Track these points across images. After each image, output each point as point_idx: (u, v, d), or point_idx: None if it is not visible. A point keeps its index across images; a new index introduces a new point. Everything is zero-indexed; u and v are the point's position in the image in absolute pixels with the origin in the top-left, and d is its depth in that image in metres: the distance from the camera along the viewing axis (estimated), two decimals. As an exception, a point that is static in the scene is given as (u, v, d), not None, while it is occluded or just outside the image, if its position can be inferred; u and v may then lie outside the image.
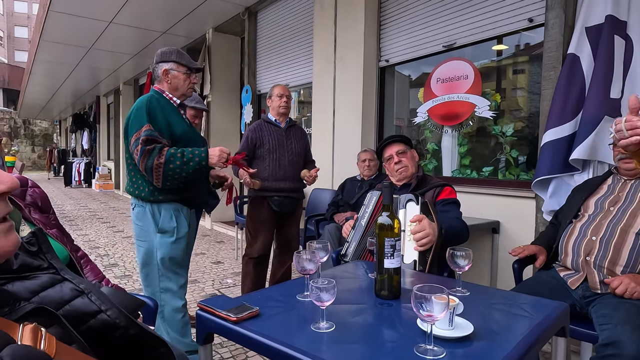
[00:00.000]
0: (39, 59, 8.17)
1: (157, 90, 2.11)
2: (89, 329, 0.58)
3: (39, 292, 0.58)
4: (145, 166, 1.91)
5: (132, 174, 2.08)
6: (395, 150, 2.09)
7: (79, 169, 14.12)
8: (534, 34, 2.87)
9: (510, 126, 3.00)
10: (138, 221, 2.07)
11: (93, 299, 0.60)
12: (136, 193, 2.05)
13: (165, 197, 2.04)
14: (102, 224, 6.83)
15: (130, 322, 0.61)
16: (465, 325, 1.00)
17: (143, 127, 1.93)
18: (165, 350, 0.65)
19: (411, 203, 1.66)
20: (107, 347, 0.59)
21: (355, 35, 3.79)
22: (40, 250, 0.62)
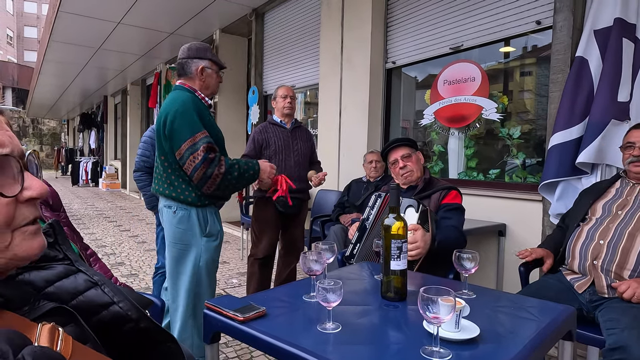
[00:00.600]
0: (49, 58, 8.25)
1: (189, 88, 2.03)
2: (101, 320, 0.59)
3: (54, 282, 0.59)
4: (203, 174, 1.87)
5: (173, 178, 1.97)
6: (400, 155, 2.08)
7: (86, 168, 14.23)
8: (541, 36, 2.87)
9: (518, 129, 2.99)
10: (181, 225, 1.98)
11: (106, 290, 0.61)
12: (180, 198, 1.96)
13: (210, 202, 2.02)
14: (108, 222, 6.88)
15: (141, 315, 0.61)
16: (472, 328, 1.00)
17: (198, 133, 1.88)
18: (173, 345, 0.65)
19: (411, 209, 1.66)
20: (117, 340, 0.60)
21: (362, 37, 3.79)
22: (56, 242, 0.64)
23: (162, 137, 1.95)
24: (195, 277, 2.00)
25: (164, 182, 2.01)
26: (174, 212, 1.99)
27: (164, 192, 2.01)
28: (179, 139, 1.88)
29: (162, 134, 1.95)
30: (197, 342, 2.04)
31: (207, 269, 2.04)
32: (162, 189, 2.02)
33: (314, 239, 3.60)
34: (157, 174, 2.06)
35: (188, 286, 2.00)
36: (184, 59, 2.06)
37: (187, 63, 2.04)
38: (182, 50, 2.09)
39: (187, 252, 2.00)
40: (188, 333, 2.03)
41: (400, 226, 1.21)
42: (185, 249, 2.00)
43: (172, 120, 1.89)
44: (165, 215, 2.03)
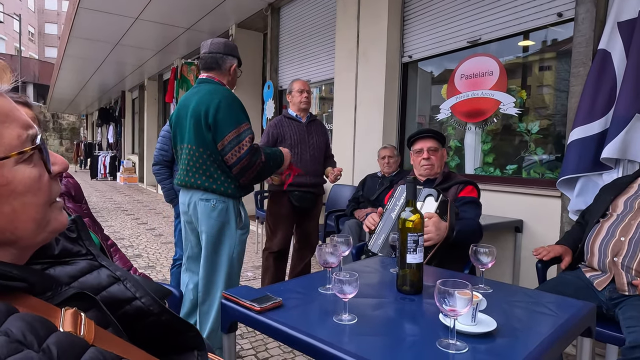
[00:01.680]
0: (68, 54, 8.40)
1: (220, 83, 2.07)
2: (124, 314, 0.60)
3: (78, 278, 0.60)
4: (247, 163, 1.92)
5: (212, 170, 1.98)
6: (427, 146, 2.05)
7: (104, 162, 14.50)
8: (562, 29, 2.80)
9: (536, 124, 2.94)
10: (220, 217, 2.00)
11: (128, 286, 0.62)
12: (221, 190, 1.98)
13: (244, 193, 2.07)
14: (126, 216, 7.00)
15: (163, 309, 0.63)
16: (488, 322, 0.99)
17: (243, 124, 1.94)
18: (194, 334, 0.67)
19: (430, 198, 1.66)
20: (139, 331, 0.62)
21: (378, 31, 3.77)
22: (79, 237, 0.65)
23: (204, 128, 1.94)
24: (230, 269, 2.05)
25: (202, 175, 1.99)
26: (213, 205, 1.99)
27: (202, 185, 1.99)
28: (223, 130, 1.91)
29: (203, 125, 1.94)
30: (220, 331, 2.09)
31: (239, 261, 2.09)
32: (199, 182, 2.00)
33: (329, 233, 3.61)
34: (188, 166, 2.04)
35: (224, 278, 2.04)
36: (218, 54, 2.08)
37: (222, 58, 2.08)
38: (216, 45, 2.09)
39: (224, 245, 2.03)
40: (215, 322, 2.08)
41: (417, 219, 1.21)
42: (222, 241, 2.03)
43: (216, 111, 1.91)
44: (202, 208, 2.01)
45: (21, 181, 0.50)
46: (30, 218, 0.51)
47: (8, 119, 0.50)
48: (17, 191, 0.50)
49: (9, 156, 0.49)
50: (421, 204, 1.67)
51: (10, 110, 0.51)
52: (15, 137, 0.50)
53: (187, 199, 2.09)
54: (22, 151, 0.50)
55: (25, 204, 0.51)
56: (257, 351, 2.40)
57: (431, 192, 1.67)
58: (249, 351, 2.39)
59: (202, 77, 2.11)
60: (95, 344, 0.49)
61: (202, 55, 2.12)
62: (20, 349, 0.39)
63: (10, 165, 0.49)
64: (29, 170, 0.51)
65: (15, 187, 0.49)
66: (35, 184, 0.51)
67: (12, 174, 0.49)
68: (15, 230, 0.50)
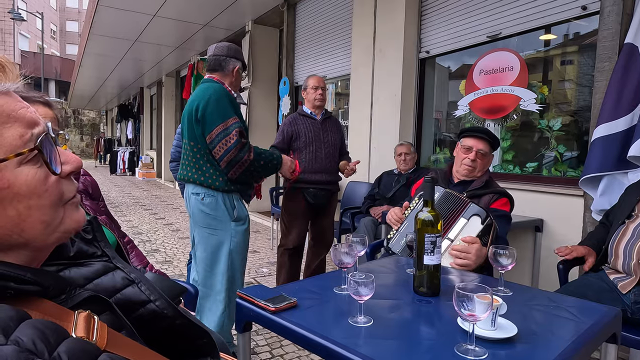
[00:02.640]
0: (89, 51, 8.54)
1: (220, 83, 2.12)
2: (138, 317, 0.60)
3: (93, 279, 0.60)
4: (233, 157, 1.95)
5: (201, 163, 2.05)
6: (479, 147, 1.90)
7: (123, 157, 14.74)
8: (586, 22, 2.71)
9: (558, 120, 2.86)
10: (210, 211, 2.05)
11: (143, 288, 0.61)
12: (208, 182, 2.04)
13: (235, 187, 2.08)
14: (144, 210, 7.11)
15: (177, 313, 0.62)
16: (509, 327, 0.96)
17: (230, 118, 1.98)
18: (207, 341, 0.66)
19: (476, 218, 1.55)
20: (152, 335, 0.61)
21: (395, 26, 3.72)
22: (94, 238, 0.65)
23: (194, 122, 2.02)
24: (228, 261, 2.07)
25: (192, 168, 2.07)
26: (202, 198, 2.06)
27: (192, 178, 2.07)
28: (211, 123, 1.96)
29: (193, 120, 2.02)
30: (227, 325, 2.10)
31: (239, 252, 2.11)
32: (189, 175, 2.08)
33: (344, 230, 3.59)
34: (184, 160, 2.13)
35: (223, 270, 2.07)
36: (222, 56, 2.15)
37: (225, 60, 2.14)
38: (220, 48, 2.17)
39: (218, 237, 2.06)
40: (220, 316, 2.09)
41: (435, 220, 1.18)
42: (216, 234, 2.06)
43: (205, 106, 1.97)
44: (193, 202, 2.09)
45: (24, 183, 0.48)
46: (38, 220, 0.50)
47: (10, 119, 0.48)
48: (20, 194, 0.48)
49: (7, 158, 0.47)
50: (465, 222, 1.57)
51: (12, 110, 0.49)
52: (17, 137, 0.48)
53: (185, 193, 2.18)
54: (20, 153, 0.48)
55: (30, 206, 0.49)
56: (271, 348, 2.40)
57: (478, 212, 1.56)
58: (264, 348, 2.40)
59: (204, 78, 2.20)
60: (107, 348, 0.49)
61: (208, 58, 2.20)
62: (31, 358, 0.39)
63: (12, 167, 0.47)
64: (33, 172, 0.49)
65: (18, 189, 0.48)
66: (41, 186, 0.50)
67: (14, 176, 0.47)
68: (22, 233, 0.49)
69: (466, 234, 1.54)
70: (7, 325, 0.40)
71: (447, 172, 2.05)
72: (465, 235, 1.54)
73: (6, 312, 0.42)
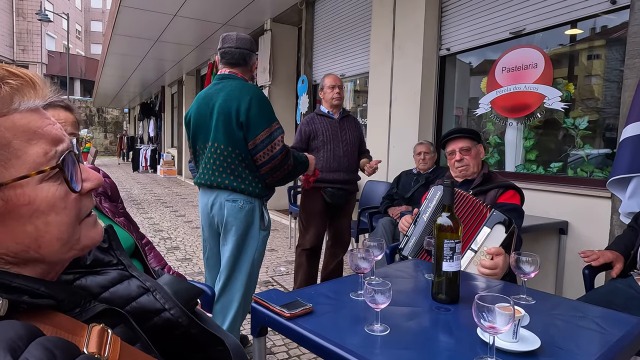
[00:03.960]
0: (112, 51, 8.72)
1: (243, 79, 2.02)
2: (153, 326, 0.59)
3: (108, 288, 0.60)
4: (278, 164, 1.90)
5: (240, 169, 1.93)
6: (459, 146, 1.96)
7: (145, 155, 15.02)
8: (615, 16, 2.61)
9: (584, 119, 2.76)
10: (246, 218, 1.96)
11: (157, 297, 0.61)
12: (249, 190, 1.94)
13: (268, 194, 2.05)
14: (165, 208, 7.23)
15: (192, 321, 0.62)
16: (532, 339, 0.93)
17: (274, 123, 1.91)
18: (222, 349, 0.66)
19: (500, 227, 1.50)
20: (167, 344, 0.61)
21: (415, 23, 3.65)
22: (110, 247, 0.65)
23: (235, 126, 1.87)
24: (251, 270, 2.03)
25: (230, 175, 1.93)
26: (241, 206, 1.95)
27: (230, 184, 1.94)
28: (256, 128, 1.85)
29: (234, 123, 1.87)
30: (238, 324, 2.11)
31: (259, 261, 2.09)
32: (226, 182, 1.94)
33: (362, 230, 3.56)
34: (212, 165, 1.97)
35: (244, 277, 2.02)
36: (245, 50, 2.01)
37: (249, 55, 2.03)
38: (243, 40, 2.02)
39: (248, 246, 2.01)
40: (238, 321, 2.09)
41: (455, 226, 1.15)
42: (247, 242, 2.00)
43: (248, 108, 1.85)
44: (229, 209, 1.96)
45: (44, 200, 0.48)
46: (55, 237, 0.50)
47: (36, 136, 0.49)
48: (39, 210, 0.48)
49: (29, 175, 0.47)
50: (488, 231, 1.52)
51: (39, 127, 0.49)
52: (41, 154, 0.49)
53: (210, 199, 2.01)
54: (42, 170, 0.48)
55: (48, 223, 0.49)
56: (288, 348, 2.40)
57: (501, 220, 1.50)
58: (281, 348, 2.40)
59: (224, 73, 2.02)
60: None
61: (226, 49, 2.00)
62: None
63: (33, 183, 0.48)
64: (54, 189, 0.49)
65: (37, 206, 0.48)
66: (60, 203, 0.50)
67: (34, 193, 0.48)
68: (39, 249, 0.50)
69: (490, 243, 1.50)
70: (17, 345, 0.39)
71: (449, 175, 2.08)
72: (489, 245, 1.49)
73: (16, 330, 0.41)
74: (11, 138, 0.46)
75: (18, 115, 0.48)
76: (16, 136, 0.47)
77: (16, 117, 0.48)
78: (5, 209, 0.46)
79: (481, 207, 1.59)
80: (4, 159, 0.46)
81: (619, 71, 2.53)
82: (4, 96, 0.47)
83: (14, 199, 0.47)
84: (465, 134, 1.99)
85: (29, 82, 0.50)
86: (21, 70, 0.50)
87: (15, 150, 0.47)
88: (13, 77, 0.48)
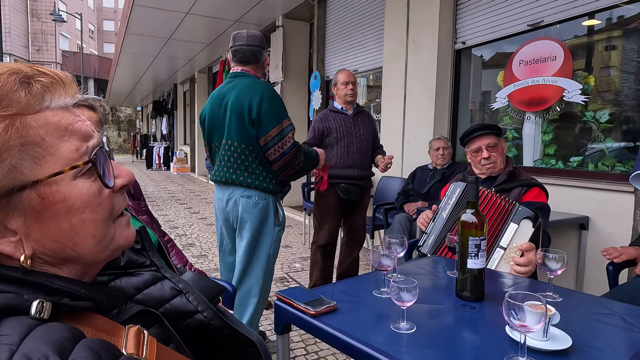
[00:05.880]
0: (125, 50, 8.80)
1: (255, 76, 2.04)
2: (186, 328, 0.60)
3: (142, 289, 0.61)
4: (289, 160, 1.92)
5: (254, 166, 1.96)
6: (485, 143, 1.90)
7: (158, 152, 15.16)
8: (636, 6, 2.54)
9: (605, 112, 2.70)
10: (260, 214, 1.99)
11: (190, 299, 0.61)
12: (263, 186, 1.97)
13: (282, 190, 2.06)
14: (179, 205, 7.29)
15: (224, 323, 0.62)
16: (562, 337, 0.91)
17: (285, 119, 1.93)
18: (253, 350, 0.66)
19: (527, 222, 1.48)
20: (199, 345, 0.61)
21: (430, 17, 3.61)
22: (143, 248, 0.65)
23: (247, 123, 1.90)
24: (267, 266, 2.05)
25: (244, 171, 1.97)
26: (255, 202, 1.98)
27: (244, 181, 1.97)
28: (267, 125, 1.88)
29: (246, 120, 1.90)
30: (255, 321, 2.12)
31: (275, 257, 2.10)
32: (240, 179, 1.98)
33: (377, 227, 3.55)
34: (226, 162, 2.00)
35: (260, 274, 2.04)
36: (256, 47, 2.03)
37: (260, 52, 2.05)
38: (253, 38, 2.04)
39: (263, 242, 2.03)
40: (256, 316, 2.11)
41: (479, 223, 1.14)
42: (262, 238, 2.02)
43: (260, 105, 1.87)
44: (243, 205, 1.99)
45: (79, 196, 0.49)
46: (90, 235, 0.50)
47: (67, 132, 0.49)
48: (74, 207, 0.48)
49: (63, 171, 0.47)
50: (515, 227, 1.50)
51: (69, 124, 0.50)
52: (73, 150, 0.49)
53: (225, 195, 2.05)
54: (75, 166, 0.48)
55: (84, 220, 0.49)
56: (306, 344, 2.41)
57: (529, 215, 1.48)
58: (299, 344, 2.41)
59: (236, 71, 2.05)
60: None
61: (238, 48, 2.03)
62: None
63: (67, 180, 0.48)
64: (88, 185, 0.50)
65: (72, 202, 0.48)
66: (95, 199, 0.50)
67: (69, 189, 0.48)
68: (75, 247, 0.50)
69: (518, 239, 1.47)
70: (64, 346, 0.40)
71: (471, 171, 2.03)
72: (518, 241, 1.47)
73: (62, 332, 0.42)
74: (44, 135, 0.47)
75: (50, 112, 0.48)
76: (49, 133, 0.47)
77: (48, 114, 0.48)
78: (42, 206, 0.47)
79: (504, 203, 1.57)
80: (38, 155, 0.46)
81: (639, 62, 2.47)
82: (35, 94, 0.47)
83: (50, 195, 0.47)
84: (490, 130, 1.94)
85: (58, 81, 0.50)
86: (50, 69, 0.50)
87: (49, 147, 0.47)
88: (43, 75, 0.49)
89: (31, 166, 0.45)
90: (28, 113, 0.46)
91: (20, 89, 0.46)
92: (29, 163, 0.45)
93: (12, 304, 0.43)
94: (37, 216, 0.47)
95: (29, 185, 0.46)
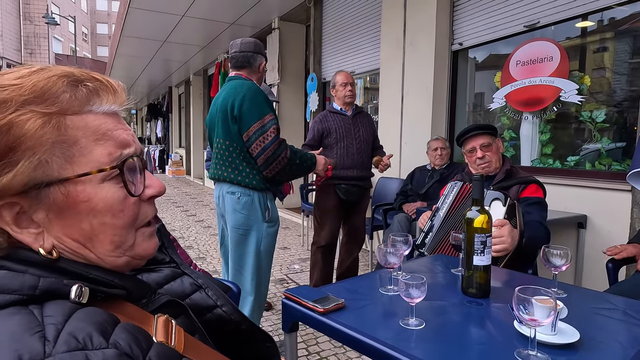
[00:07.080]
0: (120, 53, 8.76)
1: (249, 80, 2.10)
2: (206, 322, 0.61)
3: (163, 285, 0.62)
4: (271, 154, 1.93)
5: (237, 162, 2.02)
6: (479, 143, 1.93)
7: (154, 155, 15.10)
8: (630, 7, 2.57)
9: (602, 111, 2.73)
10: (244, 210, 2.03)
11: (210, 294, 0.63)
12: (245, 182, 2.02)
13: (270, 186, 2.07)
14: (176, 208, 7.27)
15: (243, 318, 0.63)
16: (570, 332, 0.92)
17: (266, 115, 1.96)
18: (271, 345, 0.67)
19: (497, 203, 1.54)
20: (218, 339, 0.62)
21: (427, 18, 3.64)
22: (163, 245, 0.66)
23: (230, 121, 1.98)
24: (257, 262, 2.07)
25: (228, 167, 2.05)
26: (238, 197, 2.04)
27: (228, 177, 2.05)
28: (248, 121, 1.93)
29: (229, 118, 1.98)
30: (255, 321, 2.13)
31: (267, 253, 2.11)
32: (225, 175, 2.06)
33: (376, 227, 3.56)
34: (217, 159, 2.10)
35: (252, 270, 2.07)
36: (249, 52, 2.11)
37: (253, 57, 2.12)
38: (246, 44, 2.13)
39: (249, 237, 2.06)
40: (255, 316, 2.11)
41: (485, 220, 1.15)
42: (247, 234, 2.06)
43: (241, 103, 1.94)
44: (228, 201, 2.07)
45: (102, 199, 0.49)
46: (108, 239, 0.51)
47: (104, 137, 0.50)
48: (97, 209, 0.49)
49: (91, 173, 0.48)
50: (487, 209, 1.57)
51: (109, 129, 0.51)
52: (105, 154, 0.50)
53: (218, 192, 2.16)
54: (102, 169, 0.49)
55: (104, 223, 0.50)
56: (307, 345, 2.41)
57: (497, 196, 1.55)
58: (300, 345, 2.41)
59: (231, 76, 2.15)
60: (185, 353, 0.50)
61: (232, 55, 2.14)
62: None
63: (94, 182, 0.49)
64: (114, 190, 0.50)
65: (95, 204, 0.49)
66: (118, 205, 0.51)
67: (94, 191, 0.49)
68: (92, 248, 0.51)
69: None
70: (106, 328, 0.42)
71: (469, 172, 2.06)
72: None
73: (102, 315, 0.44)
74: (80, 137, 0.48)
75: (92, 116, 0.50)
76: (85, 135, 0.49)
77: (90, 117, 0.50)
78: (65, 203, 0.48)
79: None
80: (70, 155, 0.47)
81: (636, 62, 2.50)
82: (80, 97, 0.49)
83: (74, 194, 0.48)
84: (484, 130, 1.97)
85: (108, 87, 0.52)
86: (102, 76, 0.53)
87: (82, 149, 0.48)
88: (92, 80, 0.51)
89: (61, 163, 0.47)
90: (68, 114, 0.48)
91: (66, 90, 0.48)
92: (60, 160, 0.47)
93: (54, 287, 0.45)
94: (60, 212, 0.48)
95: (57, 181, 0.47)
